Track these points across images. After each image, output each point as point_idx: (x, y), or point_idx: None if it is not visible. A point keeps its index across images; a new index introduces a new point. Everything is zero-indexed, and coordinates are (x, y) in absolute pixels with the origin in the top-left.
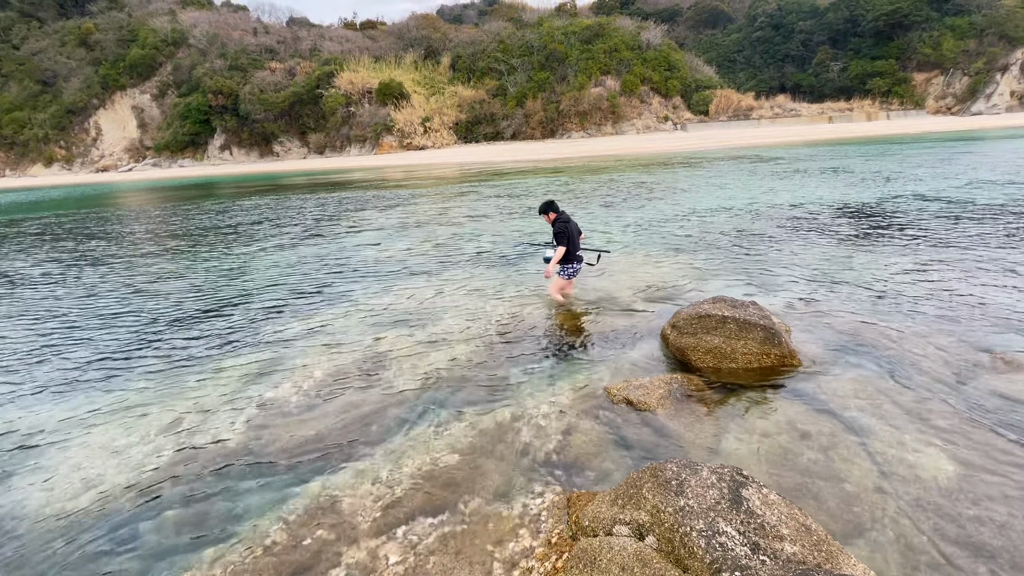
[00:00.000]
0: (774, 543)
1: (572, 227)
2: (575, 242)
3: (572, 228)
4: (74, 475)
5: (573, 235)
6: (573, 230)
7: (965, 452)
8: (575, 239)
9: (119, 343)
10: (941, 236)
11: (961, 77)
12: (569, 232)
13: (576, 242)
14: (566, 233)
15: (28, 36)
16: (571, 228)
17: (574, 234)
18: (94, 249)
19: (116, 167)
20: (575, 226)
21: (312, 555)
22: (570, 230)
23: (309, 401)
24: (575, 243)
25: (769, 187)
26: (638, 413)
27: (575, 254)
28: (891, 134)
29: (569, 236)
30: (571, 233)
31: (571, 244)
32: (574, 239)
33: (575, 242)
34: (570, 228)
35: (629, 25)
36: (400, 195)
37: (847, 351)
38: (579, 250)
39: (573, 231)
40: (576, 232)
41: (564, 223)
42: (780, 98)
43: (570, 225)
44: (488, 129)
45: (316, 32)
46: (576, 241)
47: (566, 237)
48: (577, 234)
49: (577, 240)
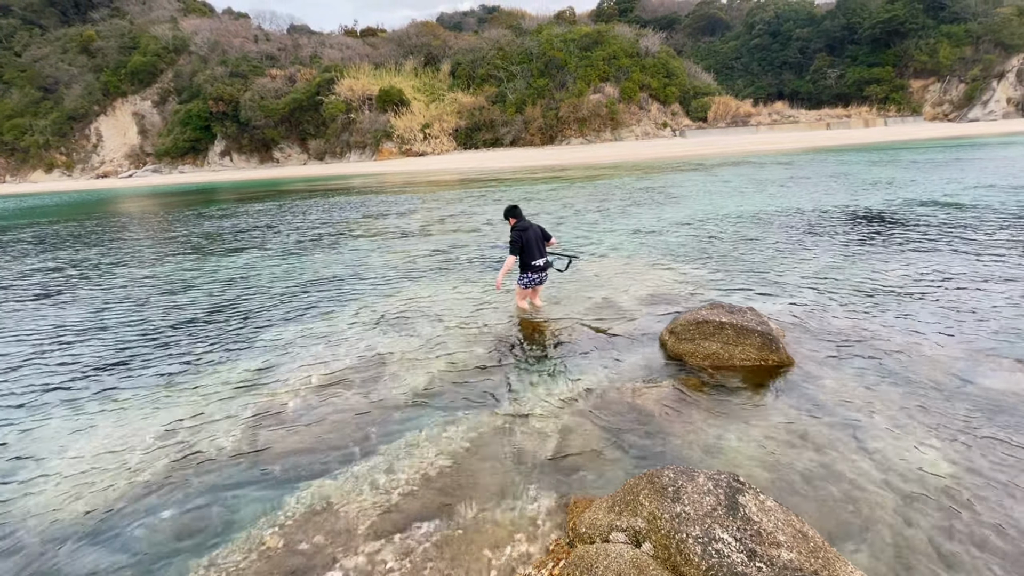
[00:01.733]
0: (771, 550)
1: (531, 235)
2: (531, 251)
3: (530, 236)
4: (72, 479)
5: (530, 244)
6: (531, 238)
7: (965, 454)
8: (532, 248)
9: (119, 348)
10: (941, 241)
11: (958, 84)
12: (524, 241)
13: (534, 251)
14: (519, 242)
15: (30, 43)
16: (528, 236)
17: (531, 242)
18: (93, 255)
19: (116, 173)
20: (535, 233)
21: (308, 560)
22: (527, 239)
23: (306, 406)
24: (531, 252)
25: (767, 193)
26: (636, 417)
27: (531, 263)
28: (889, 140)
29: (524, 245)
30: (526, 242)
31: (527, 253)
32: (530, 248)
33: (531, 251)
34: (527, 236)
35: (628, 33)
36: (399, 201)
37: (845, 355)
38: (542, 257)
39: (531, 239)
40: (536, 239)
41: (520, 231)
42: (778, 105)
43: (527, 233)
44: (487, 136)
45: (317, 39)
46: (534, 250)
47: (519, 246)
48: (539, 241)
49: (537, 248)
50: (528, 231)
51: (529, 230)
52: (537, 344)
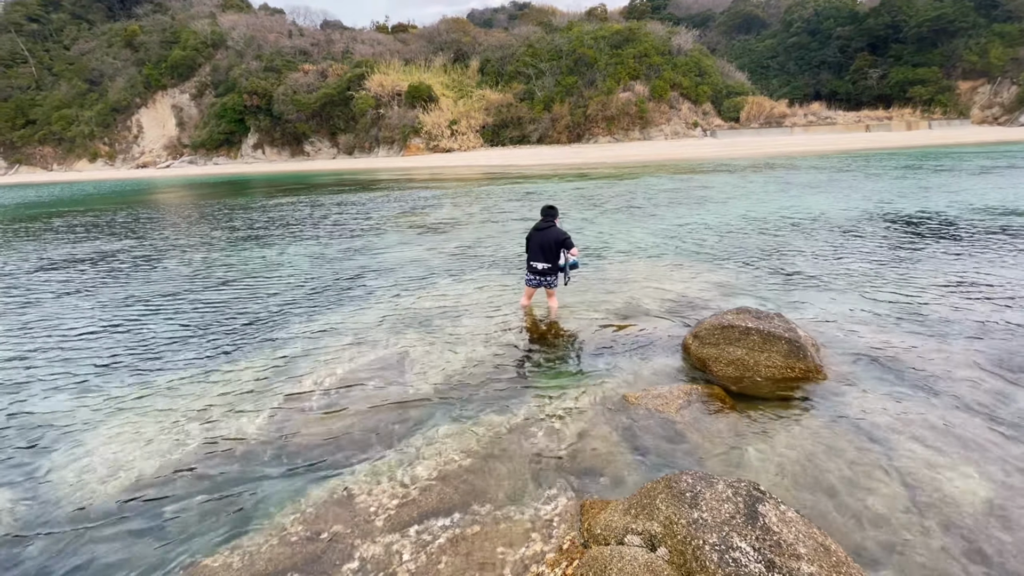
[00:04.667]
0: (790, 562)
1: (538, 237)
2: (532, 252)
3: (536, 238)
4: (104, 461)
5: (532, 245)
6: (537, 240)
7: (1002, 475)
8: (534, 249)
9: (151, 336)
10: (985, 252)
11: (1010, 86)
12: (529, 240)
13: (536, 253)
14: (526, 241)
15: (78, 37)
16: (534, 237)
17: (534, 244)
18: (131, 243)
19: (155, 163)
20: (545, 237)
21: (327, 547)
22: (531, 239)
23: (330, 398)
24: (532, 253)
25: (800, 196)
26: (656, 421)
27: (528, 263)
28: (933, 144)
29: (527, 244)
30: (530, 241)
31: (528, 253)
32: (532, 249)
33: (532, 252)
34: (532, 237)
35: (660, 30)
36: (425, 196)
37: (877, 367)
38: (545, 263)
39: (534, 241)
40: (543, 244)
41: (533, 231)
42: (815, 106)
43: (535, 234)
44: (515, 133)
45: (349, 35)
46: (536, 252)
47: (526, 245)
48: (546, 246)
49: (541, 251)
50: (539, 233)
51: (541, 232)
52: (558, 345)
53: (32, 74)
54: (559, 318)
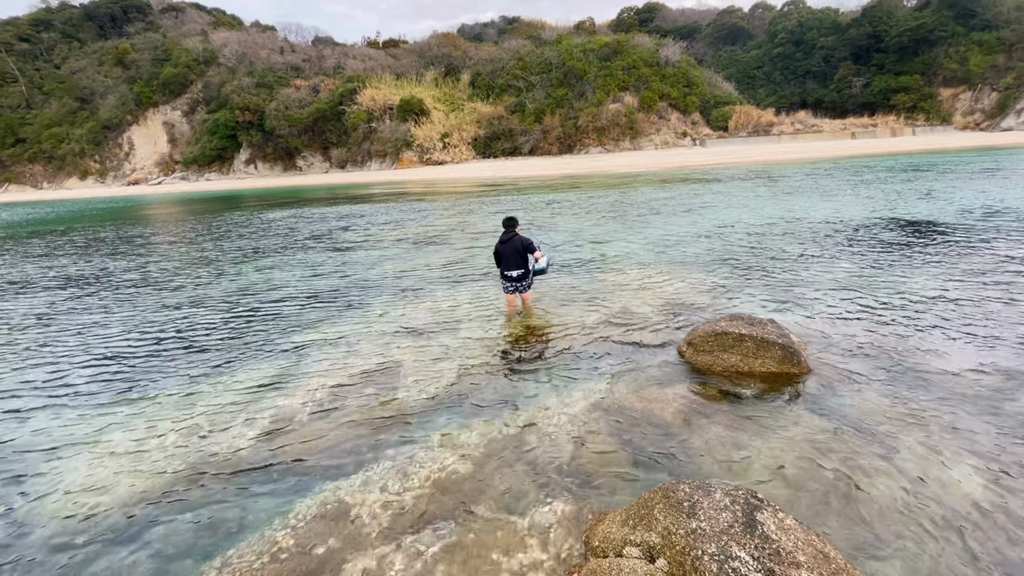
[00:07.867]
0: (790, 570)
1: (507, 248)
2: (505, 263)
3: (506, 249)
4: (91, 477)
5: (504, 256)
6: (507, 251)
7: (997, 472)
8: (507, 260)
9: (140, 350)
10: (972, 253)
11: (990, 92)
12: (499, 253)
13: (509, 262)
14: (496, 254)
15: (69, 56)
16: (504, 249)
17: (506, 255)
18: (121, 258)
19: (147, 180)
20: (514, 246)
21: (320, 562)
22: (501, 251)
23: (321, 409)
24: (505, 263)
25: (789, 203)
26: (651, 430)
27: (504, 273)
28: (917, 150)
29: (499, 257)
30: (500, 254)
31: (502, 265)
32: (505, 260)
33: (505, 263)
34: (501, 249)
35: (648, 42)
36: (417, 209)
37: (869, 369)
38: (518, 269)
39: (507, 252)
40: (514, 252)
41: (500, 243)
42: (801, 114)
43: (503, 247)
44: (506, 144)
45: (340, 50)
46: (509, 261)
47: (496, 258)
48: (518, 253)
49: (514, 260)
50: (507, 244)
51: (507, 243)
52: (553, 353)
53: (22, 93)
54: (536, 315)
